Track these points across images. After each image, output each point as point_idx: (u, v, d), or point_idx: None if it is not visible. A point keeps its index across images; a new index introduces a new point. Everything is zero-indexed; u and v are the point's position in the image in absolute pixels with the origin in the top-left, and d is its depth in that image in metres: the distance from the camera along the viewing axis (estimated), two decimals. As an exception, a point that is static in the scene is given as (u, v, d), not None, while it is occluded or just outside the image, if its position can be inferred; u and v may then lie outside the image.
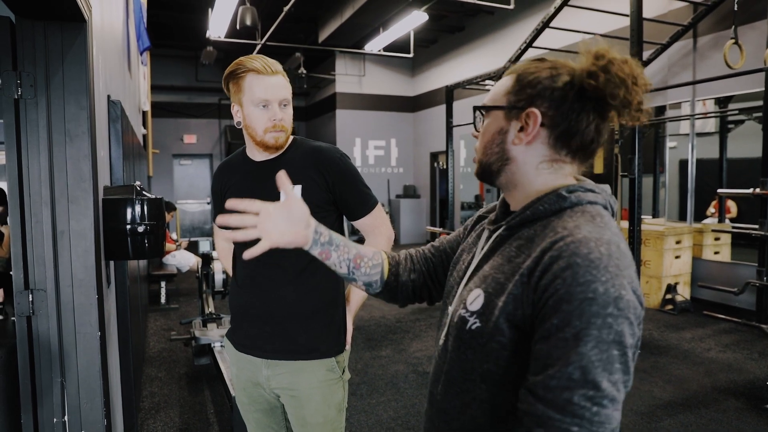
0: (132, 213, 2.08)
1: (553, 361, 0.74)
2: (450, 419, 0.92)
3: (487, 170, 0.94)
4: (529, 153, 0.90)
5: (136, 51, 4.66)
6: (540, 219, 0.87)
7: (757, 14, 5.31)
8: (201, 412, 3.40)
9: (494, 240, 0.93)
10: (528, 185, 0.91)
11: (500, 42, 9.35)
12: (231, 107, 1.59)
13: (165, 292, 6.23)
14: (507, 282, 0.83)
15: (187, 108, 12.71)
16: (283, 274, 1.57)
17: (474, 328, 0.86)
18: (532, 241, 0.85)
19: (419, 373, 4.03)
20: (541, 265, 0.79)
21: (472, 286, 0.91)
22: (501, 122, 0.91)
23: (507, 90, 0.91)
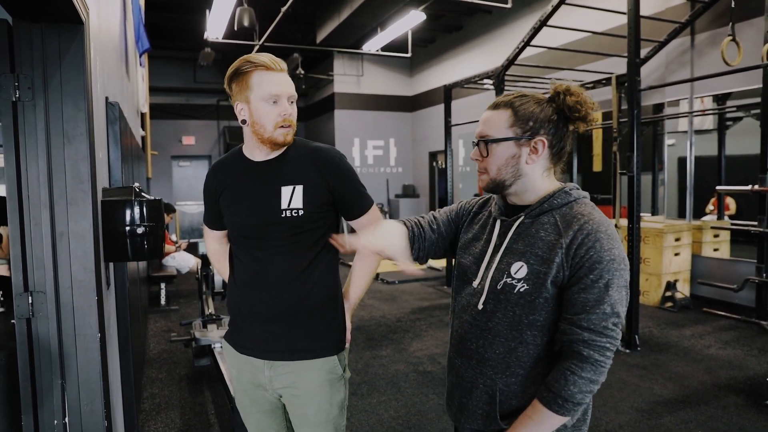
0: (131, 214, 2.08)
1: (592, 303, 1.12)
2: (493, 365, 1.23)
3: (501, 185, 1.25)
4: (536, 168, 1.24)
5: (135, 53, 4.66)
6: (554, 209, 1.21)
7: (754, 11, 5.32)
8: (202, 413, 3.40)
9: (518, 226, 1.23)
10: (537, 189, 1.25)
11: (498, 41, 9.36)
12: (234, 106, 1.56)
13: (165, 293, 6.23)
14: (549, 254, 1.16)
15: (185, 109, 12.71)
16: (283, 274, 1.56)
17: (523, 291, 1.18)
18: (558, 225, 1.18)
19: (420, 372, 4.03)
20: (576, 241, 1.14)
21: (510, 260, 1.20)
22: (513, 149, 1.22)
23: (510, 123, 1.21)
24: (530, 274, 1.17)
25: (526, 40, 5.62)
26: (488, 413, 1.24)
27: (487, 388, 1.23)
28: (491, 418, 1.24)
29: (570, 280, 1.14)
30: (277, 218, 1.53)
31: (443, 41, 11.06)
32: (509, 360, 1.21)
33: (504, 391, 1.22)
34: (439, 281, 7.53)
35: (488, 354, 1.23)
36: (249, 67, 1.50)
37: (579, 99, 1.20)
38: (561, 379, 1.13)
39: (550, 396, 1.14)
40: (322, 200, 1.56)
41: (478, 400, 1.26)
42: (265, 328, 1.59)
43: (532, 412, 1.17)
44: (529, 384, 1.21)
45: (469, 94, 9.84)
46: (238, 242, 1.63)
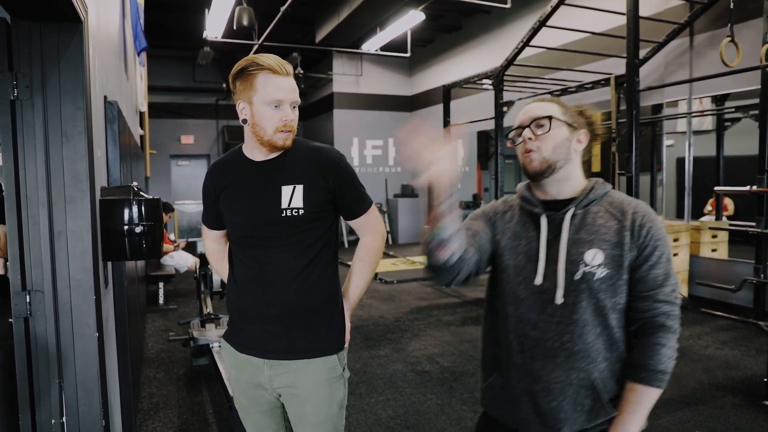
0: (129, 214, 2.08)
1: (662, 277, 1.23)
2: (585, 356, 1.24)
3: (551, 166, 1.29)
4: (577, 158, 1.34)
5: (133, 51, 4.65)
6: (598, 199, 1.30)
7: (753, 12, 5.32)
8: (200, 413, 3.40)
9: (573, 217, 1.28)
10: (576, 179, 1.33)
11: (497, 41, 9.36)
12: (236, 103, 1.55)
13: (163, 292, 6.22)
14: (618, 238, 1.24)
15: (184, 108, 12.69)
16: (283, 274, 1.56)
17: (604, 275, 1.23)
18: (611, 212, 1.27)
19: (418, 372, 4.03)
20: (638, 223, 1.24)
21: (579, 250, 1.24)
22: (567, 132, 1.30)
23: (562, 112, 1.31)
24: (607, 259, 1.23)
25: (526, 40, 5.62)
26: (592, 406, 1.24)
27: (582, 381, 1.24)
28: (597, 409, 1.24)
29: (638, 260, 1.23)
30: (277, 218, 1.53)
31: (442, 41, 11.06)
32: (599, 347, 1.24)
33: (600, 379, 1.24)
34: (438, 281, 7.52)
35: (578, 346, 1.24)
36: (255, 68, 1.50)
37: (598, 119, 1.36)
38: (654, 355, 1.20)
39: (648, 374, 1.21)
40: (322, 200, 1.56)
41: (576, 397, 1.24)
42: (265, 328, 1.59)
43: (635, 396, 1.22)
44: (618, 367, 1.26)
45: (468, 94, 9.84)
46: (238, 242, 1.63)
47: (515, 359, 1.30)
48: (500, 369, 1.35)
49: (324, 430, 1.64)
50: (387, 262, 9.14)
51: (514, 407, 1.32)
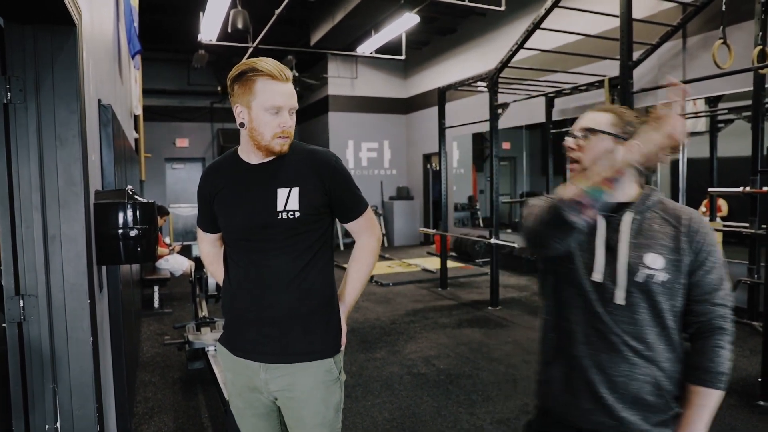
0: (124, 217, 2.08)
1: (716, 281, 1.28)
2: (646, 355, 1.27)
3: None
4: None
5: (128, 54, 4.64)
6: (653, 206, 1.34)
7: (744, 14, 5.36)
8: (195, 417, 3.38)
9: (633, 222, 1.31)
10: (627, 188, 1.35)
11: (492, 43, 9.39)
12: (233, 107, 1.55)
13: (158, 296, 6.20)
14: (675, 243, 1.29)
15: (179, 112, 12.67)
16: (280, 277, 1.56)
17: (664, 279, 1.27)
18: (667, 219, 1.32)
19: (414, 374, 4.03)
20: (692, 229, 1.29)
21: (639, 253, 1.28)
22: (609, 144, 1.33)
23: (612, 122, 1.35)
24: (667, 263, 1.27)
25: (520, 42, 5.64)
26: (655, 401, 1.28)
27: (645, 377, 1.28)
28: (661, 405, 1.28)
29: (694, 265, 1.28)
30: (273, 220, 1.53)
31: (437, 44, 11.08)
32: (660, 347, 1.28)
33: (663, 377, 1.28)
34: (434, 283, 7.53)
35: (641, 345, 1.28)
36: (254, 73, 1.50)
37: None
38: (715, 358, 1.25)
39: (710, 377, 1.25)
40: (318, 203, 1.57)
41: (639, 391, 1.28)
42: (262, 331, 1.58)
43: (699, 399, 1.27)
44: (678, 367, 1.30)
45: (463, 97, 9.86)
46: (233, 245, 1.62)
47: (579, 351, 1.33)
48: (562, 360, 1.38)
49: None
50: (383, 265, 9.13)
51: (575, 398, 1.34)
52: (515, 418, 3.28)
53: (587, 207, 1.16)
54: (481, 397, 3.60)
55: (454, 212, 10.95)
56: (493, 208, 6.16)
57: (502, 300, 6.31)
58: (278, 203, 1.53)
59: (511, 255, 8.37)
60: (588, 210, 1.17)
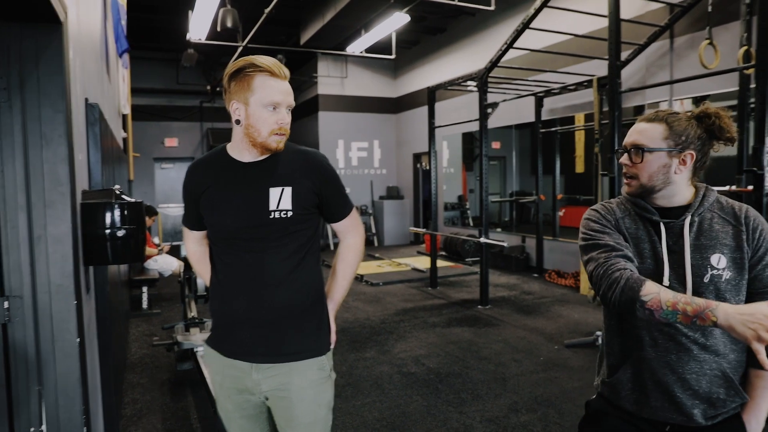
0: (111, 217, 2.06)
1: None
2: (715, 349, 1.33)
3: (650, 190, 1.40)
4: (683, 176, 1.39)
5: (115, 53, 4.60)
6: (709, 206, 1.39)
7: (730, 15, 5.41)
8: (184, 418, 3.36)
9: (691, 224, 1.37)
10: (683, 193, 1.40)
11: (481, 43, 9.41)
12: (228, 104, 1.55)
13: (147, 297, 6.15)
14: (736, 242, 1.34)
15: (168, 111, 12.58)
16: (273, 276, 1.56)
17: (729, 277, 1.32)
18: (725, 218, 1.38)
19: (404, 374, 4.03)
20: (751, 226, 1.35)
21: (703, 255, 1.34)
22: (665, 159, 1.37)
23: (664, 136, 1.37)
24: (730, 262, 1.33)
25: (509, 42, 5.66)
26: (726, 393, 1.35)
27: (715, 371, 1.33)
28: (732, 395, 1.35)
29: (753, 259, 1.34)
30: (265, 219, 1.53)
31: (427, 43, 11.09)
32: (725, 340, 1.34)
33: (730, 368, 1.35)
34: (424, 283, 7.54)
35: (709, 341, 1.33)
36: (253, 69, 1.50)
37: (728, 122, 1.38)
38: None
39: None
40: (309, 202, 1.58)
41: (711, 385, 1.34)
42: (255, 331, 1.58)
43: (763, 381, 1.36)
44: (743, 357, 1.37)
45: (453, 96, 9.88)
46: (223, 244, 1.61)
47: (647, 353, 1.38)
48: (629, 362, 1.42)
49: (314, 431, 1.64)
50: (373, 264, 9.13)
51: (644, 397, 1.39)
52: (504, 416, 3.30)
53: (657, 317, 1.21)
54: (471, 396, 3.61)
55: (444, 211, 10.97)
56: (483, 208, 6.18)
57: (491, 299, 6.33)
58: (271, 202, 1.54)
59: (500, 254, 8.40)
60: (656, 319, 1.22)
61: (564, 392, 3.65)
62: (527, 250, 8.44)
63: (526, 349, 4.56)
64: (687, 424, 1.36)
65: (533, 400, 3.52)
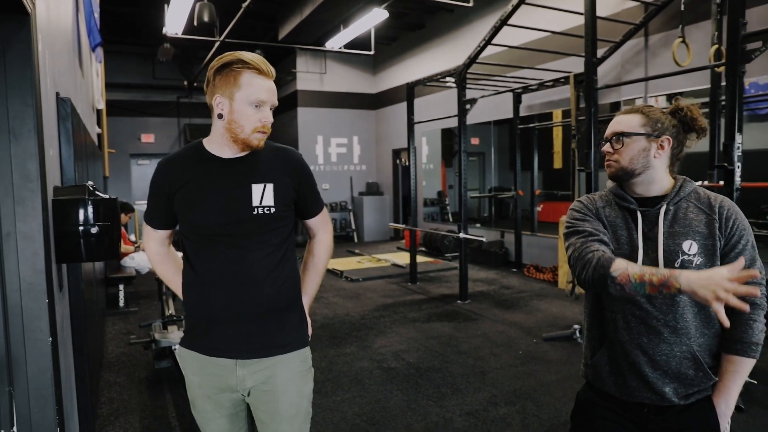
0: (84, 214, 2.02)
1: (751, 261, 1.39)
2: (685, 332, 1.40)
3: (630, 173, 1.46)
4: (661, 162, 1.46)
5: (88, 47, 4.51)
6: (686, 196, 1.45)
7: (702, 14, 5.51)
8: (162, 417, 3.33)
9: (666, 212, 1.44)
10: (661, 181, 1.47)
11: (460, 39, 9.44)
12: (211, 98, 1.53)
13: (124, 295, 6.07)
14: (709, 230, 1.40)
15: (144, 106, 12.39)
16: (257, 272, 1.56)
17: (699, 263, 1.38)
18: (700, 207, 1.43)
19: (384, 369, 4.04)
20: (725, 215, 1.40)
21: (676, 241, 1.40)
22: (644, 143, 1.45)
23: (642, 123, 1.46)
24: (701, 249, 1.39)
25: (487, 38, 5.69)
26: (695, 374, 1.41)
27: (685, 353, 1.40)
28: (699, 377, 1.41)
29: (726, 247, 1.39)
30: (248, 216, 1.53)
31: (406, 39, 11.09)
32: (697, 324, 1.40)
33: (700, 351, 1.41)
34: (403, 278, 7.56)
35: (680, 324, 1.40)
36: (241, 65, 1.50)
37: (698, 113, 1.47)
38: (748, 329, 1.38)
39: (744, 346, 1.38)
40: (289, 199, 1.60)
41: (680, 366, 1.41)
42: (239, 327, 1.57)
43: (734, 366, 1.40)
44: (715, 341, 1.43)
45: (432, 92, 9.90)
46: (202, 241, 1.58)
47: (621, 336, 1.45)
48: (606, 345, 1.50)
49: (295, 424, 1.65)
50: (352, 260, 9.12)
51: (621, 378, 1.47)
52: (484, 409, 3.33)
53: (628, 291, 1.27)
54: (451, 390, 3.63)
55: (424, 207, 11.00)
56: (462, 203, 6.21)
57: (471, 294, 6.38)
58: (254, 199, 1.54)
59: (479, 249, 8.46)
60: (627, 294, 1.28)
61: (542, 385, 3.69)
62: (506, 245, 8.51)
63: (505, 343, 4.61)
64: (661, 403, 1.43)
65: (512, 393, 3.56)
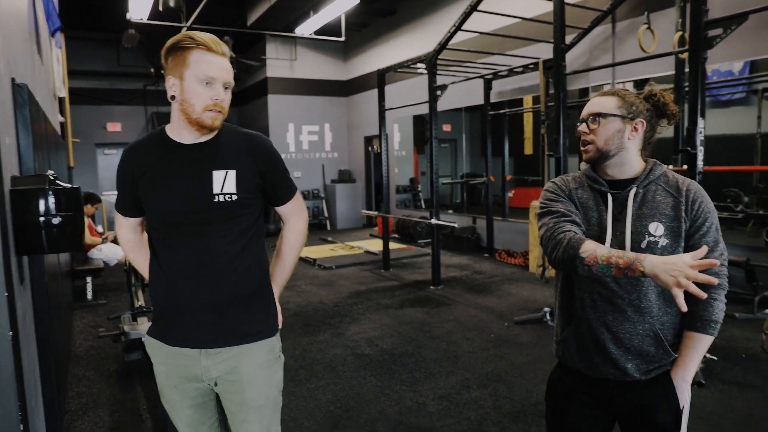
0: (45, 204, 1.96)
1: (712, 243, 1.42)
2: (649, 311, 1.45)
3: (605, 155, 1.49)
4: (634, 144, 1.50)
5: (47, 32, 4.36)
6: (656, 179, 1.49)
7: (667, 2, 5.61)
8: (133, 409, 3.29)
9: (636, 195, 1.47)
10: (633, 163, 1.51)
11: (431, 25, 9.42)
12: (165, 80, 1.51)
13: (92, 287, 5.94)
14: (675, 212, 1.44)
15: (109, 94, 12.08)
16: (220, 260, 1.54)
17: (665, 244, 1.43)
18: (668, 190, 1.47)
19: (357, 355, 4.06)
20: (691, 198, 1.44)
21: (643, 223, 1.44)
22: (619, 125, 1.48)
23: (618, 105, 1.49)
24: (667, 230, 1.43)
25: (458, 24, 5.68)
26: (656, 351, 1.46)
27: (647, 331, 1.45)
28: (660, 354, 1.47)
29: (691, 229, 1.44)
30: (209, 203, 1.50)
31: (377, 25, 11.01)
32: (660, 303, 1.46)
33: (662, 329, 1.46)
34: (376, 265, 7.58)
35: (644, 303, 1.45)
36: (189, 43, 1.46)
37: (670, 99, 1.51)
38: (708, 308, 1.42)
39: (703, 324, 1.43)
40: (253, 186, 1.57)
41: (642, 344, 1.46)
42: (204, 317, 1.55)
43: (693, 342, 1.45)
44: (677, 320, 1.48)
45: (404, 79, 9.88)
46: (165, 230, 1.56)
47: (588, 313, 1.50)
48: (574, 322, 1.55)
49: (264, 413, 1.64)
50: (325, 248, 9.10)
51: (586, 355, 1.52)
52: (456, 393, 3.37)
53: (595, 272, 1.31)
54: (424, 375, 3.67)
55: (397, 194, 11.02)
56: (433, 190, 6.24)
57: (443, 279, 6.43)
58: (215, 186, 1.51)
59: (452, 235, 8.53)
60: (594, 274, 1.33)
61: (513, 367, 3.76)
62: (478, 230, 8.59)
63: (477, 327, 4.67)
64: (624, 378, 1.48)
65: (484, 376, 3.61)
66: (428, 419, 3.06)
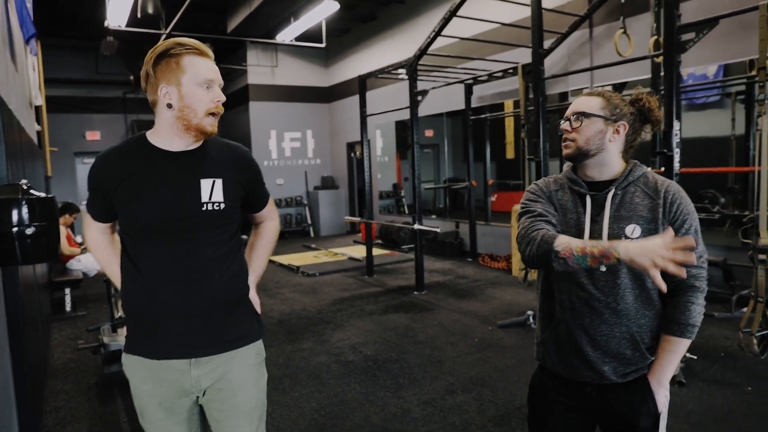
0: (18, 214, 1.92)
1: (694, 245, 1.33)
2: (626, 313, 1.45)
3: (585, 154, 1.50)
4: (615, 146, 1.51)
5: (22, 40, 4.29)
6: (635, 181, 1.49)
7: (642, 7, 5.70)
8: (114, 422, 3.23)
9: (614, 197, 1.48)
10: (613, 165, 1.52)
11: (412, 31, 9.46)
12: (156, 90, 1.46)
13: (70, 299, 5.84)
14: (652, 214, 1.44)
15: (88, 102, 11.92)
16: (206, 268, 1.53)
17: None
18: (647, 192, 1.47)
19: (341, 362, 4.03)
20: (669, 200, 1.44)
21: (620, 225, 1.44)
22: (601, 126, 1.49)
23: (601, 106, 1.49)
24: (644, 233, 1.43)
25: (437, 29, 5.72)
26: (632, 354, 1.47)
27: (624, 334, 1.46)
28: (636, 357, 1.47)
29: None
30: (197, 211, 1.50)
31: (358, 31, 11.04)
32: (637, 306, 1.46)
33: (639, 332, 1.46)
34: (360, 271, 7.56)
35: (621, 306, 1.45)
36: (180, 49, 1.46)
37: (655, 105, 1.52)
38: (686, 311, 1.43)
39: (681, 327, 1.43)
40: (236, 196, 1.59)
41: (618, 347, 1.46)
42: (192, 325, 1.52)
43: (670, 346, 1.45)
44: (655, 322, 1.48)
45: (385, 85, 9.90)
46: (147, 237, 1.52)
47: (566, 315, 1.51)
48: (553, 324, 1.56)
49: (254, 417, 1.64)
50: (309, 255, 9.06)
51: (564, 357, 1.53)
52: (441, 398, 3.37)
53: (570, 265, 1.31)
54: (408, 380, 3.66)
55: (380, 200, 11.02)
56: (416, 195, 6.25)
57: (427, 284, 6.44)
58: (203, 194, 1.51)
59: (435, 240, 8.55)
60: (570, 267, 1.32)
61: (497, 371, 3.77)
62: (461, 235, 8.62)
63: (461, 332, 4.67)
64: (601, 381, 1.49)
65: (468, 381, 3.61)
66: (413, 425, 3.05)
